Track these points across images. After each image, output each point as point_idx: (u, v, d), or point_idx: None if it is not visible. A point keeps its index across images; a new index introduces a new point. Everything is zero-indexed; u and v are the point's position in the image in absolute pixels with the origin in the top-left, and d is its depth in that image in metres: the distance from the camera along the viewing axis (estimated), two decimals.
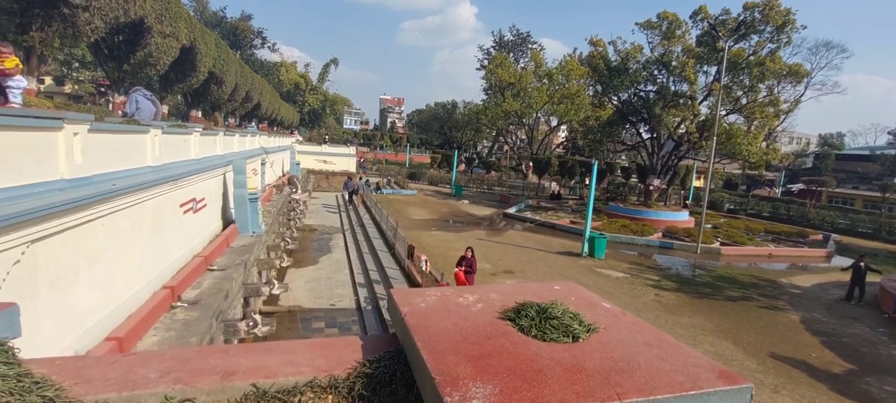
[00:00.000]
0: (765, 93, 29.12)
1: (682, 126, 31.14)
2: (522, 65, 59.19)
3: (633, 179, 48.70)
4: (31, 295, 4.10)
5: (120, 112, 9.48)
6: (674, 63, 30.09)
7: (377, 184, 37.52)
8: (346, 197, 29.25)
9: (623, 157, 61.47)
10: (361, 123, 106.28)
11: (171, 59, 13.88)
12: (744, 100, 29.55)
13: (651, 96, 32.14)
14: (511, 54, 62.48)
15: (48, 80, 42.26)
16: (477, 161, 65.93)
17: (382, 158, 65.40)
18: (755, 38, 28.31)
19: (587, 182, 48.46)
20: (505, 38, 66.11)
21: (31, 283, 4.09)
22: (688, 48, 29.56)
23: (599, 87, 35.09)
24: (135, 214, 6.23)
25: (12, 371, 0.97)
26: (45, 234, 4.22)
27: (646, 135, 34.03)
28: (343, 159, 40.66)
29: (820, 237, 25.86)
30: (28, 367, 1.04)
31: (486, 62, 60.72)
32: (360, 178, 35.84)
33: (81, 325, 4.92)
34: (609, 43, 32.34)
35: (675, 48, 30.09)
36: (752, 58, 27.60)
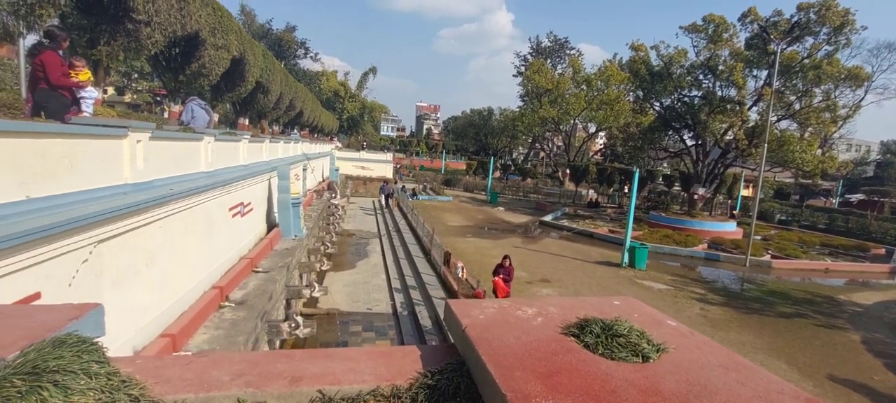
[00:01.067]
0: (820, 98, 27.39)
1: (730, 132, 29.76)
2: (560, 71, 58.45)
3: (676, 188, 46.99)
4: (97, 292, 4.36)
5: (176, 120, 10.02)
6: (720, 67, 28.85)
7: (413, 189, 37.86)
8: (383, 201, 30.28)
9: (665, 165, 59.46)
10: (398, 130, 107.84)
11: (223, 70, 14.57)
12: (797, 106, 27.92)
13: (696, 102, 30.93)
14: (548, 60, 61.80)
15: (111, 90, 45.29)
16: (512, 167, 65.49)
17: (418, 164, 66.03)
18: (810, 40, 26.75)
19: (626, 190, 47.14)
20: (542, 45, 65.53)
21: (97, 282, 4.36)
22: (736, 52, 28.28)
23: (641, 93, 34.10)
24: (188, 217, 6.54)
25: (103, 369, 1.02)
26: (110, 235, 4.50)
27: (690, 142, 32.74)
28: (380, 165, 41.34)
29: (883, 251, 24.01)
30: (115, 366, 1.09)
31: (522, 68, 60.33)
32: (396, 183, 36.47)
33: (139, 322, 5.20)
34: (651, 47, 31.43)
35: (721, 52, 28.86)
36: (806, 61, 26.08)
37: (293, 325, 7.65)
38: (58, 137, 3.90)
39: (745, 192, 44.54)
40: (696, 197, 29.76)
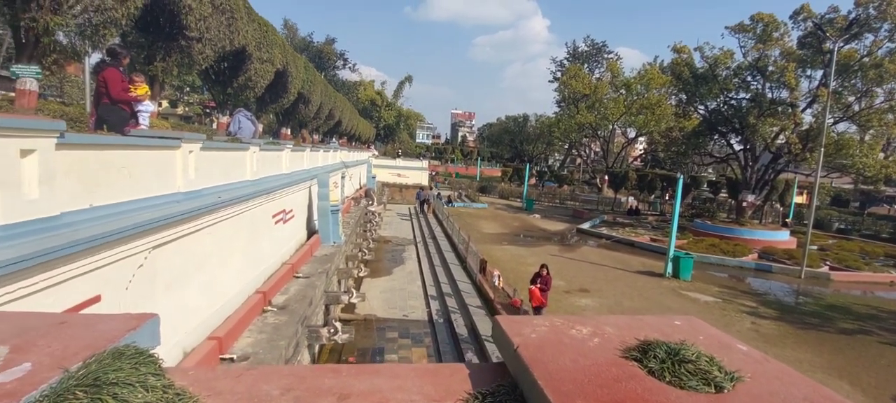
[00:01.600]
0: (883, 98, 25.44)
1: (782, 136, 28.13)
2: (597, 75, 57.21)
3: (722, 194, 44.87)
4: (151, 296, 4.57)
5: (224, 131, 10.46)
6: (770, 68, 27.41)
7: (448, 197, 37.95)
8: (419, 206, 31.54)
9: (710, 170, 56.90)
10: (433, 137, 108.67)
11: (267, 82, 15.12)
12: (857, 107, 26.07)
13: (744, 104, 29.47)
14: (585, 65, 60.62)
15: (164, 103, 48.07)
16: (548, 174, 64.55)
17: (453, 171, 66.19)
18: (870, 37, 24.97)
19: (668, 197, 45.42)
20: (579, 49, 64.35)
21: (151, 286, 4.57)
22: (787, 51, 26.76)
23: (684, 96, 32.84)
24: (235, 224, 6.78)
25: (159, 382, 1.03)
26: (164, 242, 4.70)
27: (737, 147, 31.18)
28: (416, 172, 41.72)
29: None
30: (170, 378, 1.10)
31: (559, 74, 59.45)
32: (431, 190, 36.93)
33: (189, 324, 5.41)
34: (695, 49, 30.25)
35: (771, 52, 27.41)
36: (866, 59, 24.33)
37: (332, 331, 7.77)
38: (118, 149, 4.12)
39: (798, 199, 41.95)
40: (744, 204, 28.29)
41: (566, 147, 68.01)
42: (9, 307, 2.80)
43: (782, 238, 25.28)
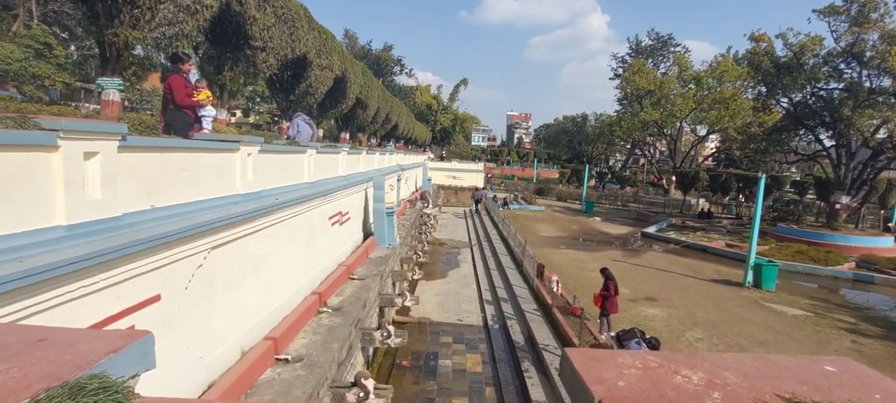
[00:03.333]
0: None
1: (883, 130, 24.85)
2: (663, 70, 54.03)
3: (810, 196, 40.62)
4: (210, 296, 4.66)
5: (285, 135, 10.81)
6: (868, 53, 24.31)
7: (504, 199, 37.35)
8: (474, 205, 33.75)
9: (793, 170, 51.76)
10: (489, 140, 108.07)
11: (327, 88, 15.58)
12: None
13: (835, 95, 26.40)
14: (650, 60, 57.53)
15: (238, 113, 51.52)
16: (610, 175, 61.92)
17: (509, 173, 65.28)
18: None
19: (744, 199, 41.72)
20: (642, 44, 61.27)
21: (210, 286, 4.66)
22: (889, 34, 23.55)
23: (764, 89, 30.00)
24: (292, 226, 6.88)
25: None
26: (223, 242, 4.79)
27: (828, 143, 27.99)
28: (471, 175, 41.51)
29: None
30: None
31: (620, 71, 56.86)
32: (486, 190, 37.41)
33: (246, 324, 5.50)
34: (776, 36, 27.55)
35: (869, 35, 24.28)
36: None
37: (385, 334, 7.70)
38: (178, 151, 4.23)
39: None
40: (838, 206, 25.29)
41: (628, 147, 64.85)
42: (69, 306, 2.87)
43: (886, 244, 22.31)
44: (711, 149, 64.20)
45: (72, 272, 2.79)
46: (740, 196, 42.61)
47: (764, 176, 15.90)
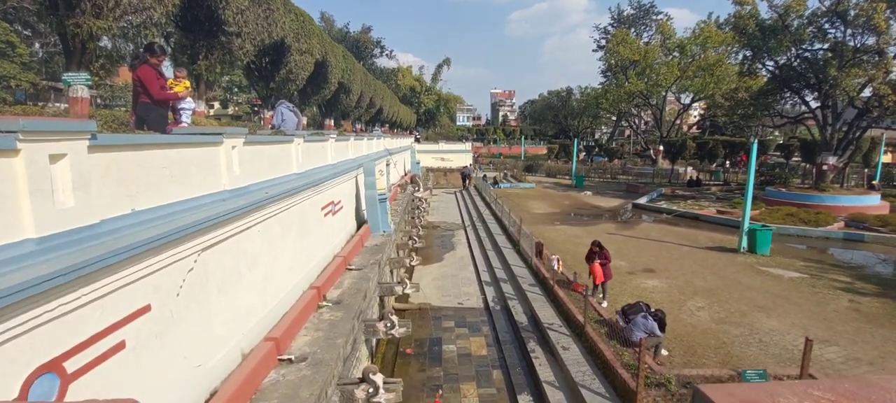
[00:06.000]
0: None
1: (869, 88, 25.05)
2: (646, 39, 53.81)
3: (795, 158, 41.22)
4: (205, 299, 4.37)
5: (269, 125, 10.37)
6: (852, 12, 24.33)
7: (494, 178, 37.18)
8: (462, 182, 35.39)
9: (776, 133, 52.38)
10: (474, 119, 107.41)
11: (308, 74, 15.03)
12: None
13: (820, 56, 26.47)
14: (632, 30, 57.17)
15: (216, 105, 50.15)
16: (597, 149, 62.15)
17: (495, 152, 65.01)
18: None
19: (730, 165, 42.13)
20: (624, 13, 60.73)
21: (204, 289, 4.36)
22: None
23: (749, 52, 29.97)
24: (284, 219, 6.56)
25: None
26: (213, 243, 4.48)
27: (814, 104, 28.18)
28: (460, 155, 41.20)
29: None
30: None
31: (603, 42, 56.45)
32: (475, 169, 38.11)
33: (245, 325, 5.22)
34: None
35: None
36: None
37: (389, 324, 7.49)
38: (157, 148, 3.88)
39: (885, 158, 37.77)
40: (825, 167, 25.61)
41: (614, 119, 64.96)
42: (49, 326, 2.57)
43: (873, 202, 22.70)
44: (696, 117, 64.66)
45: (47, 290, 2.48)
46: (727, 162, 43.05)
47: (756, 140, 15.89)
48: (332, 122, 22.77)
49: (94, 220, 3.02)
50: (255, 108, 43.56)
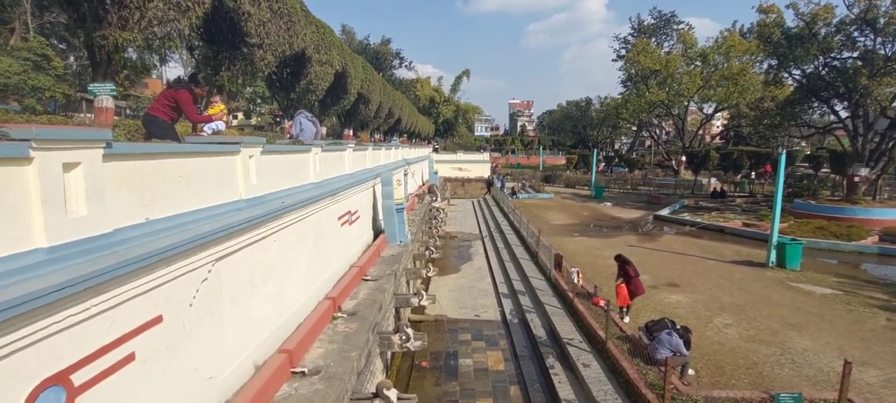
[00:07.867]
0: None
1: None
2: (667, 49, 53.07)
3: (824, 170, 39.81)
4: (218, 310, 4.31)
5: (288, 135, 10.44)
6: (882, 20, 23.53)
7: (512, 188, 36.90)
8: (487, 189, 36.29)
9: (803, 144, 50.78)
10: (492, 129, 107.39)
11: (328, 85, 15.18)
12: None
13: (849, 65, 25.61)
14: (653, 39, 56.46)
15: (240, 116, 51.29)
16: (617, 159, 61.27)
17: (513, 162, 64.66)
18: None
19: (755, 176, 40.88)
20: (644, 23, 60.11)
21: (217, 299, 4.31)
22: None
23: (774, 61, 29.21)
24: (300, 229, 6.52)
25: None
26: (228, 252, 4.43)
27: (844, 114, 27.22)
28: (478, 166, 41.10)
29: None
30: None
31: (623, 52, 55.86)
32: (496, 178, 38.11)
33: (258, 337, 5.16)
34: (786, 6, 26.71)
35: (881, 1, 23.51)
36: None
37: (404, 337, 7.35)
38: (173, 157, 3.86)
39: None
40: (856, 179, 24.61)
41: (634, 129, 64.01)
42: (57, 338, 2.52)
43: None
44: (718, 127, 63.27)
45: (57, 300, 2.44)
46: (752, 173, 41.85)
47: (784, 150, 15.36)
48: (352, 133, 22.96)
49: (106, 229, 2.98)
50: (277, 119, 44.36)
